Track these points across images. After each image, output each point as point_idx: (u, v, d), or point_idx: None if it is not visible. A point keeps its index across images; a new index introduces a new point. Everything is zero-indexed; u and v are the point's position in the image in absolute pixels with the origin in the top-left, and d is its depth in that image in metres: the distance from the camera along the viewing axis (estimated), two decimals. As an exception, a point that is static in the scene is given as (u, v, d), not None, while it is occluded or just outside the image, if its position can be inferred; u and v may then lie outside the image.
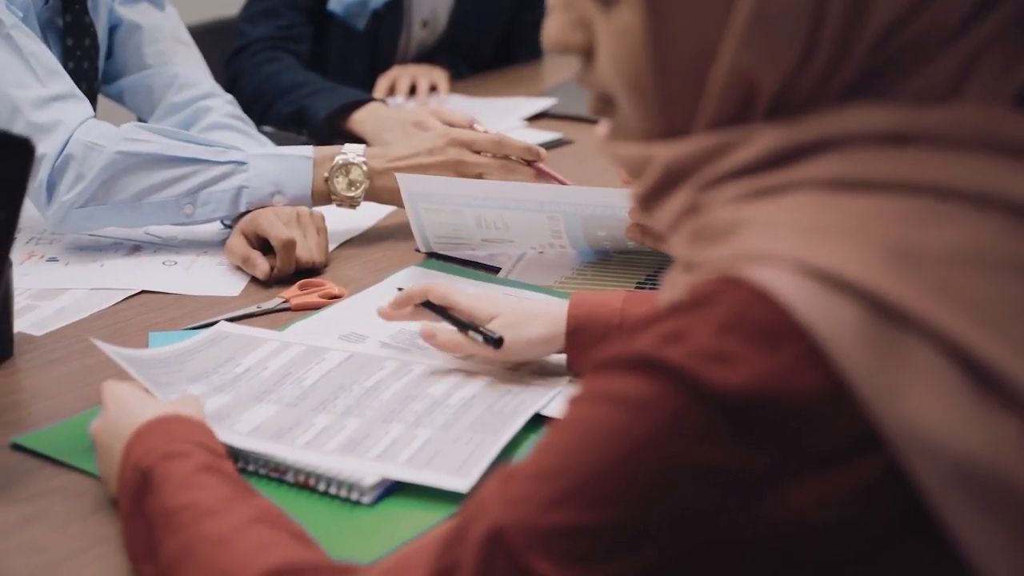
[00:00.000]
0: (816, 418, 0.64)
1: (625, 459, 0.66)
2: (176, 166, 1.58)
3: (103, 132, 1.58)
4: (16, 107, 1.55)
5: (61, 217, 1.57)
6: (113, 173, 1.56)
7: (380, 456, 1.06)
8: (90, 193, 1.56)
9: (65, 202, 1.56)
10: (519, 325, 1.21)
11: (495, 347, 1.18)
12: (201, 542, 0.86)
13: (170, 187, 1.58)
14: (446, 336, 1.22)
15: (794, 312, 0.64)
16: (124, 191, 1.57)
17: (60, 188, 1.56)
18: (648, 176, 0.75)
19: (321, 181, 1.61)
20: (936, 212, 0.66)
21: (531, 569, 0.68)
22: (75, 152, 1.56)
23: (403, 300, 1.28)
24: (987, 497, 0.63)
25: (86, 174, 1.55)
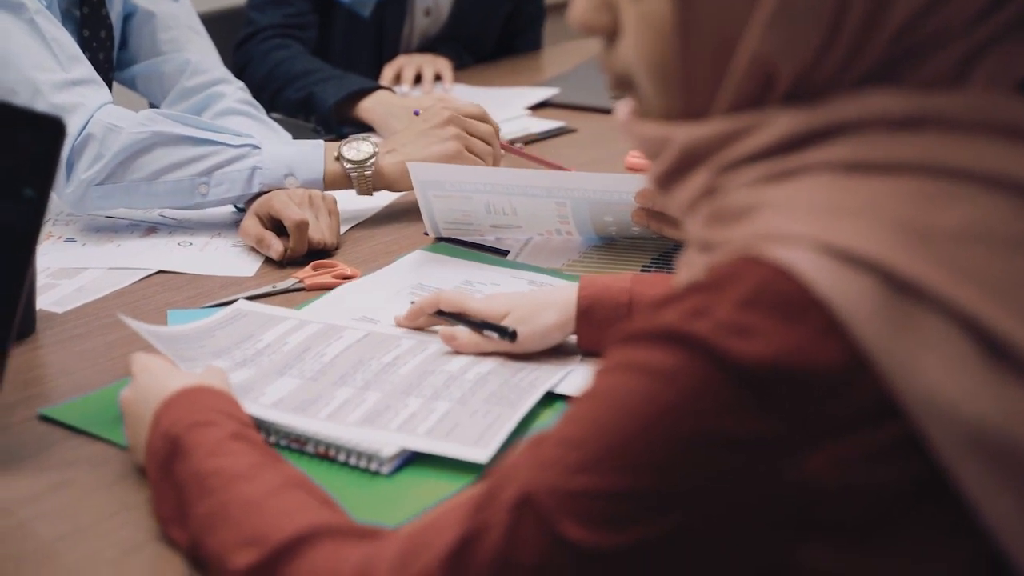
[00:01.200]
0: (835, 388, 0.67)
1: (652, 427, 0.70)
2: (192, 146, 1.62)
3: (122, 115, 1.61)
4: (37, 88, 1.58)
5: (79, 196, 1.61)
6: (132, 152, 1.60)
7: (400, 428, 1.09)
8: (108, 171, 1.59)
9: (83, 180, 1.59)
10: (532, 317, 1.24)
11: (511, 340, 1.22)
12: (232, 505, 0.89)
13: (186, 167, 1.61)
14: (465, 337, 1.25)
15: (813, 287, 0.67)
16: (141, 170, 1.60)
17: (79, 166, 1.59)
18: (666, 157, 0.78)
19: (333, 162, 1.65)
20: (946, 192, 0.70)
21: (560, 532, 0.71)
22: (96, 132, 1.59)
23: (416, 312, 1.31)
24: (1000, 462, 0.66)
25: (105, 154, 1.59)
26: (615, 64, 0.80)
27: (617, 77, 0.81)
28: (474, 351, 1.25)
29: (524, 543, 0.73)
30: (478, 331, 1.24)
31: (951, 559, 0.70)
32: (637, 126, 0.81)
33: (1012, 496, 0.67)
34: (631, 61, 0.78)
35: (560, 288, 1.28)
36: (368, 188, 1.66)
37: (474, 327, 1.25)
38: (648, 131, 0.80)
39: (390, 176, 1.66)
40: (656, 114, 0.79)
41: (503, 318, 1.25)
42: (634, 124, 0.81)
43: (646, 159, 0.82)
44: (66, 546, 0.97)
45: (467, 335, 1.25)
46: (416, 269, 1.52)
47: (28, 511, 1.01)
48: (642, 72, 0.78)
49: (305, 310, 1.39)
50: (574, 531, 0.71)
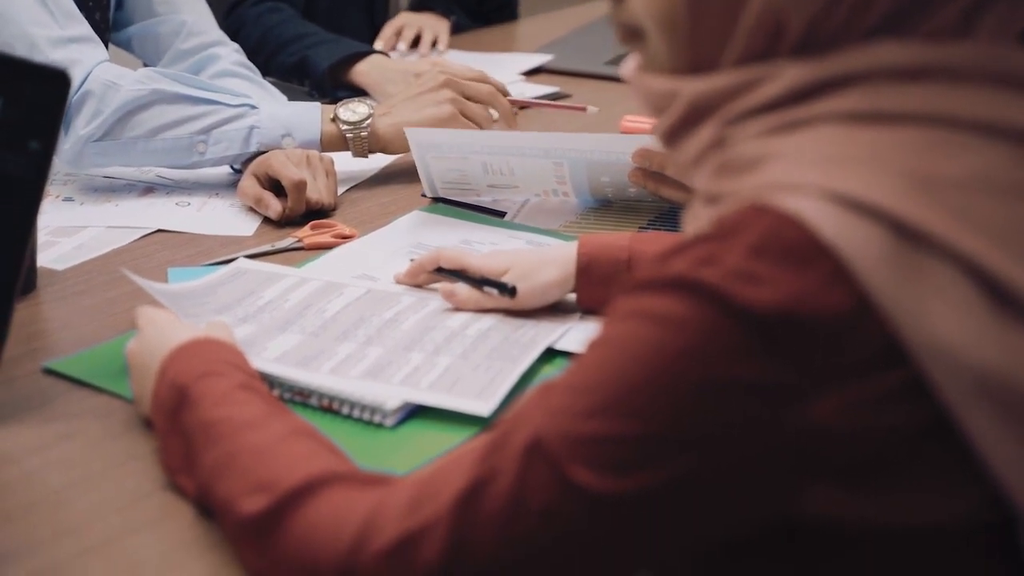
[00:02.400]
0: (842, 333, 0.68)
1: (662, 372, 0.71)
2: (190, 104, 1.62)
3: (120, 72, 1.62)
4: (34, 44, 1.58)
5: (76, 152, 1.61)
6: (130, 109, 1.60)
7: (403, 381, 1.10)
8: (106, 128, 1.60)
9: (81, 136, 1.60)
10: (531, 274, 1.25)
11: (510, 296, 1.23)
12: (240, 453, 0.90)
13: (184, 125, 1.62)
14: (465, 293, 1.26)
15: (820, 235, 0.69)
16: (139, 127, 1.61)
17: (77, 123, 1.60)
18: (673, 111, 0.79)
19: (329, 124, 1.66)
20: (951, 141, 0.71)
21: (569, 476, 0.72)
22: (94, 89, 1.60)
23: (416, 269, 1.32)
24: (1004, 407, 0.68)
25: (103, 110, 1.60)
26: (624, 16, 0.81)
27: (626, 29, 0.82)
28: (473, 307, 1.26)
29: (533, 488, 0.74)
30: (478, 287, 1.25)
31: (955, 503, 0.72)
32: (644, 80, 0.82)
33: (1016, 440, 0.68)
34: (640, 12, 0.79)
35: (559, 246, 1.29)
36: (364, 150, 1.67)
37: (473, 283, 1.26)
38: (655, 84, 0.81)
39: (385, 138, 1.67)
40: (664, 67, 0.80)
41: (503, 275, 1.26)
42: (641, 78, 0.82)
43: (652, 114, 0.83)
44: (75, 493, 0.98)
45: (466, 291, 1.26)
46: (414, 229, 1.53)
47: (35, 461, 1.02)
48: (651, 24, 0.79)
49: (305, 268, 1.40)
50: (583, 476, 0.72)
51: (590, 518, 0.73)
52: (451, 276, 1.28)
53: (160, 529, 0.94)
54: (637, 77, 0.83)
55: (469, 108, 1.70)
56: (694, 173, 0.81)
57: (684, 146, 0.80)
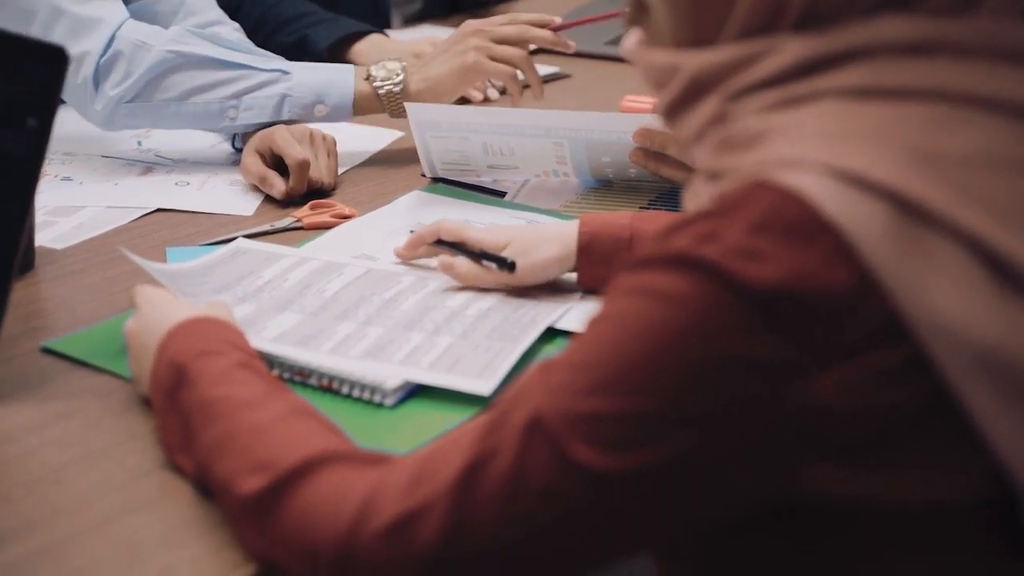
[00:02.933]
0: (844, 310, 0.68)
1: (662, 349, 0.71)
2: (223, 69, 1.62)
3: (150, 32, 1.61)
4: (55, 6, 1.57)
5: (108, 113, 1.60)
6: (162, 71, 1.60)
7: (403, 361, 1.10)
8: (137, 89, 1.59)
9: (112, 97, 1.59)
10: (531, 250, 1.24)
11: (509, 271, 1.22)
12: (239, 432, 0.89)
13: (215, 89, 1.61)
14: (464, 267, 1.25)
15: (823, 211, 0.68)
16: (171, 90, 1.61)
17: (107, 83, 1.59)
18: (674, 85, 0.79)
19: (363, 83, 1.65)
20: (955, 117, 0.71)
21: (570, 454, 0.72)
22: (124, 49, 1.59)
23: (416, 241, 1.31)
24: (1006, 383, 0.67)
25: (133, 71, 1.59)
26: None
27: (633, 5, 0.82)
28: (471, 282, 1.25)
29: (534, 466, 0.73)
30: (476, 261, 1.25)
31: (956, 480, 0.72)
32: (645, 54, 0.81)
33: (1016, 417, 0.68)
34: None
35: (561, 223, 1.28)
36: (399, 108, 1.66)
37: (473, 257, 1.25)
38: (657, 59, 0.80)
39: (417, 93, 1.66)
40: (666, 41, 0.80)
41: (503, 249, 1.25)
42: (642, 52, 0.82)
43: (653, 89, 0.82)
44: (74, 472, 0.97)
45: (465, 265, 1.25)
46: (413, 209, 1.52)
47: (34, 439, 1.02)
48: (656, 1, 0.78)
49: (304, 248, 1.39)
50: (584, 453, 0.72)
51: (590, 496, 0.73)
52: (450, 249, 1.28)
53: (159, 508, 0.94)
54: (638, 52, 0.83)
55: (497, 51, 1.66)
56: (695, 149, 0.80)
57: (685, 122, 0.80)
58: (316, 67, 1.68)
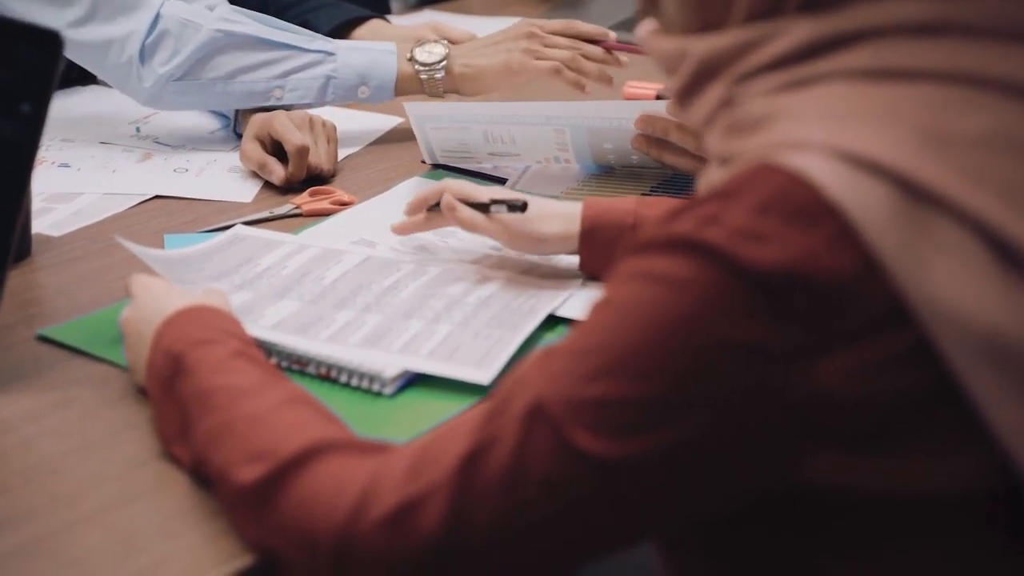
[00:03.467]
0: (848, 295, 0.67)
1: (665, 334, 0.70)
2: (269, 49, 1.62)
3: (195, 11, 1.61)
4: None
5: (157, 90, 1.61)
6: (209, 51, 1.60)
7: (402, 349, 1.09)
8: (187, 67, 1.60)
9: (161, 75, 1.59)
10: (536, 221, 1.23)
11: (521, 211, 1.20)
12: (237, 421, 0.89)
13: (262, 69, 1.62)
14: (466, 212, 1.23)
15: (827, 194, 0.67)
16: (218, 69, 1.61)
17: (155, 61, 1.59)
18: (684, 71, 0.78)
19: (405, 63, 1.65)
20: (965, 99, 0.70)
21: (571, 440, 0.71)
22: (170, 28, 1.59)
23: (419, 201, 1.30)
24: (1011, 369, 0.67)
25: (181, 49, 1.59)
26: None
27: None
28: (471, 227, 1.24)
29: (535, 453, 0.73)
30: (484, 211, 1.23)
31: (959, 470, 0.71)
32: (656, 41, 0.81)
33: (1020, 401, 0.67)
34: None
35: (567, 204, 1.27)
36: (438, 91, 1.67)
37: (480, 207, 1.23)
38: (666, 45, 0.80)
39: (460, 79, 1.67)
40: (676, 30, 0.79)
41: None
42: (653, 40, 0.82)
43: (666, 76, 0.82)
44: (71, 462, 0.97)
45: (468, 209, 1.24)
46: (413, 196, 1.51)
47: (32, 428, 1.01)
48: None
49: (303, 235, 1.38)
50: (585, 440, 0.71)
51: (592, 483, 0.72)
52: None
53: (156, 498, 0.93)
54: (650, 39, 0.82)
55: (546, 54, 1.66)
56: (706, 135, 0.80)
57: (695, 106, 0.80)
58: (359, 47, 1.69)
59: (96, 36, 1.59)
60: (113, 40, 1.59)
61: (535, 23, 1.69)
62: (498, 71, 1.66)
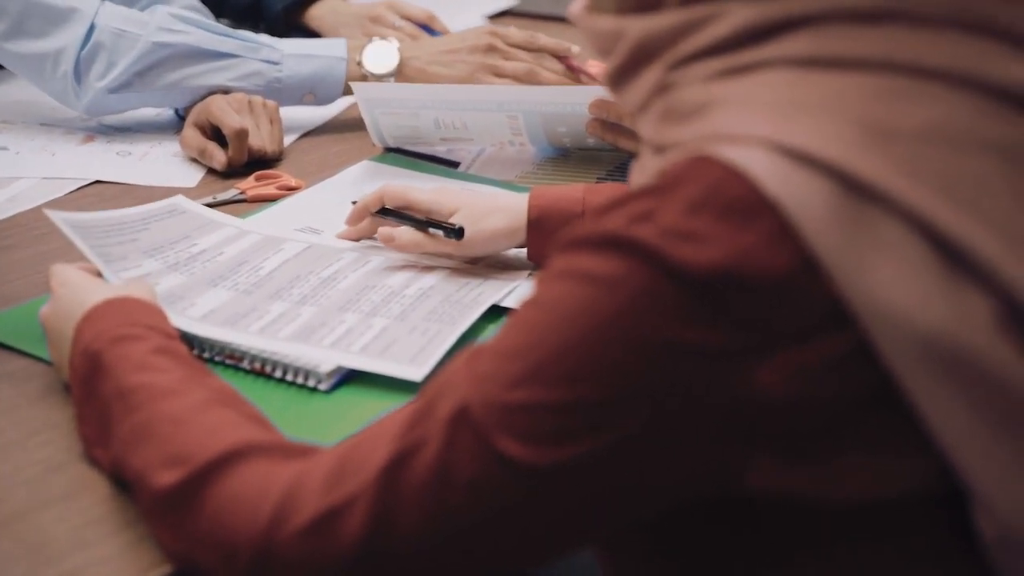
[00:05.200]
0: (786, 295, 0.64)
1: (591, 336, 0.66)
2: (210, 59, 1.56)
3: (128, 17, 1.55)
4: (26, 1, 1.52)
5: (95, 102, 1.55)
6: (148, 63, 1.54)
7: (334, 344, 1.05)
8: (124, 80, 1.54)
9: (98, 88, 1.54)
10: (480, 218, 1.19)
11: (456, 238, 1.17)
12: (157, 423, 0.85)
13: (204, 76, 1.56)
14: (405, 236, 1.20)
15: (764, 189, 0.64)
16: (157, 80, 1.55)
17: (91, 75, 1.54)
18: (619, 52, 0.75)
19: (355, 69, 1.60)
20: (910, 90, 0.66)
21: (496, 447, 0.69)
22: (104, 40, 1.53)
23: (360, 211, 1.26)
24: (952, 372, 0.64)
25: (117, 61, 1.53)
26: None
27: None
28: (414, 250, 1.20)
29: (460, 459, 0.70)
30: (423, 230, 1.19)
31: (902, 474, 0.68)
32: (590, 20, 0.77)
33: (961, 405, 0.64)
34: None
35: (513, 194, 1.23)
36: None
37: (418, 225, 1.20)
38: (601, 24, 0.76)
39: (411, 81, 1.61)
40: (610, 8, 0.75)
41: (450, 215, 1.20)
42: (587, 18, 0.78)
43: (599, 56, 0.78)
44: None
45: (408, 233, 1.20)
46: (363, 180, 1.47)
47: (-57, 428, 0.97)
48: None
49: (247, 220, 1.33)
50: (510, 446, 0.68)
51: (519, 490, 0.69)
52: (396, 219, 1.22)
53: (72, 504, 0.89)
54: (583, 16, 0.78)
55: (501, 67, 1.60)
56: (640, 120, 0.76)
57: (630, 91, 0.76)
58: (306, 53, 1.61)
59: (27, 50, 1.54)
60: (46, 55, 1.53)
61: (496, 32, 1.63)
62: (454, 82, 1.59)
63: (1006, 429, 0.65)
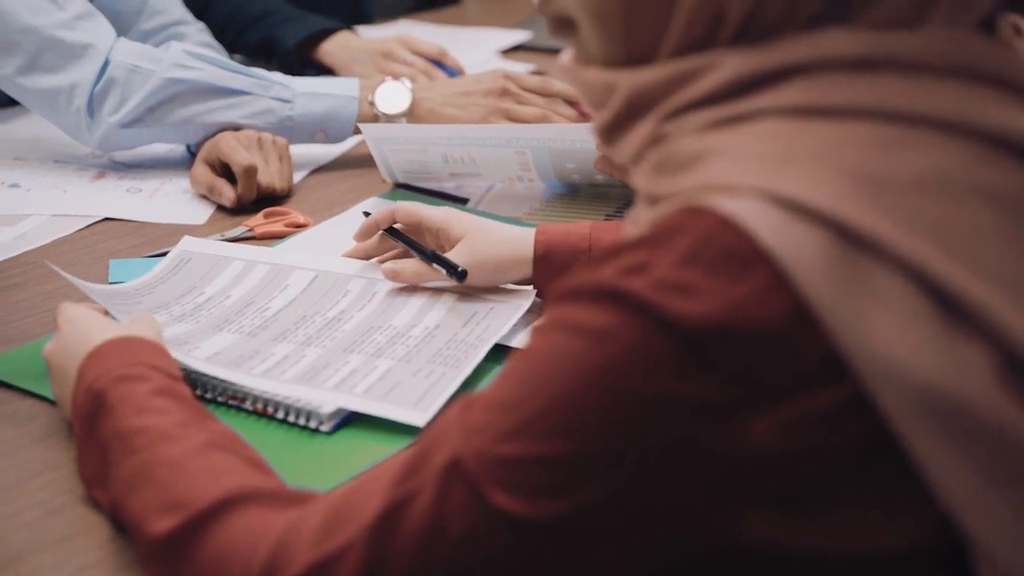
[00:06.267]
0: (780, 347, 0.63)
1: (584, 389, 0.66)
2: (223, 96, 1.57)
3: (143, 53, 1.56)
4: (42, 37, 1.53)
5: (107, 137, 1.56)
6: (160, 99, 1.55)
7: (338, 386, 1.04)
8: (136, 115, 1.55)
9: (111, 123, 1.55)
10: (486, 248, 1.19)
11: (459, 280, 1.17)
12: (156, 466, 0.84)
13: (216, 113, 1.57)
14: (410, 270, 1.20)
15: (759, 240, 0.63)
16: (169, 116, 1.56)
17: (103, 110, 1.55)
18: (611, 106, 0.74)
19: (367, 108, 1.61)
20: (904, 139, 0.65)
21: (489, 499, 0.68)
22: (117, 76, 1.54)
23: (370, 225, 1.26)
24: (950, 422, 0.62)
25: (130, 96, 1.54)
26: (554, 4, 0.75)
27: (556, 19, 0.76)
28: (418, 282, 1.20)
29: (453, 512, 0.69)
30: (427, 263, 1.19)
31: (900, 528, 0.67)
32: (581, 72, 0.76)
33: (960, 457, 0.63)
34: (571, 6, 0.74)
35: (521, 229, 1.23)
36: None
37: (424, 258, 1.20)
38: (593, 77, 0.75)
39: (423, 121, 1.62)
40: (597, 60, 0.75)
41: (457, 241, 1.20)
42: (577, 71, 0.77)
43: (591, 108, 0.77)
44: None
45: (413, 266, 1.20)
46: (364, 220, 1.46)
47: (-55, 469, 0.97)
48: (583, 14, 0.73)
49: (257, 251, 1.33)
50: (503, 499, 0.67)
51: (512, 544, 0.68)
52: (403, 244, 1.23)
53: (71, 546, 0.88)
54: (573, 68, 0.77)
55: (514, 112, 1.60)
56: (634, 172, 0.75)
57: (622, 143, 0.75)
58: (318, 91, 1.62)
59: (41, 85, 1.54)
60: (60, 90, 1.54)
61: (510, 76, 1.63)
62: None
63: (1006, 480, 0.64)
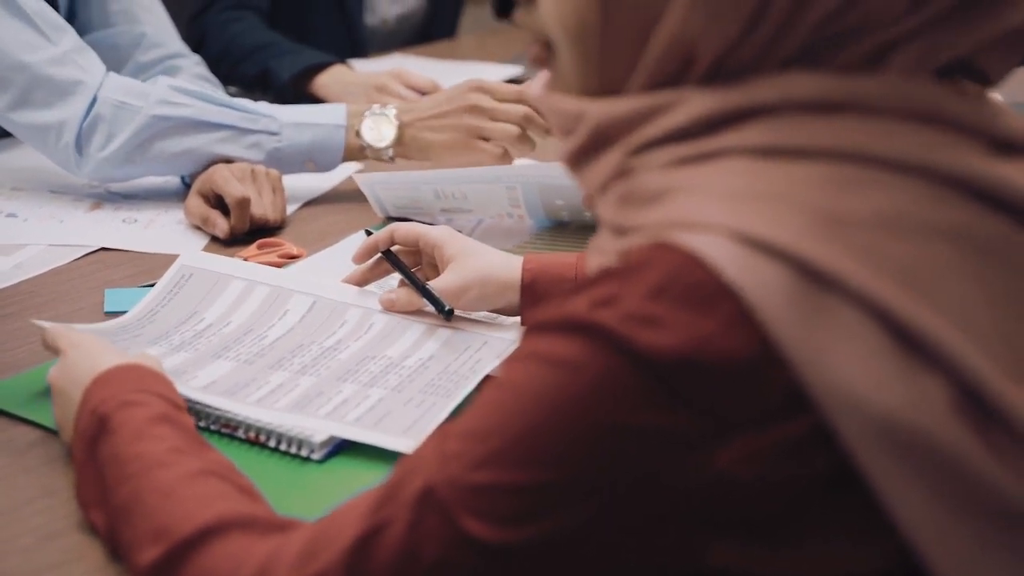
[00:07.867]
0: (745, 380, 0.65)
1: (554, 419, 0.68)
2: (210, 131, 1.59)
3: (130, 89, 1.58)
4: (33, 73, 1.56)
5: (97, 171, 1.59)
6: (148, 136, 1.57)
7: (330, 415, 1.06)
8: (125, 152, 1.57)
9: (99, 159, 1.57)
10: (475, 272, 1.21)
11: (446, 319, 1.20)
12: (146, 494, 0.86)
13: (205, 147, 1.59)
14: (403, 299, 1.23)
15: (724, 275, 0.65)
16: (158, 151, 1.58)
17: (91, 147, 1.57)
18: (579, 134, 0.76)
19: (353, 139, 1.63)
20: (862, 178, 0.68)
21: (462, 527, 0.69)
22: (104, 112, 1.57)
23: (370, 246, 1.29)
24: (910, 455, 0.64)
25: (117, 133, 1.56)
26: (534, 27, 0.78)
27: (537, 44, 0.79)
28: (409, 309, 1.23)
29: (426, 539, 0.70)
30: (418, 293, 1.22)
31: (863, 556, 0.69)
32: (553, 99, 0.78)
33: (922, 489, 0.65)
34: (551, 20, 0.76)
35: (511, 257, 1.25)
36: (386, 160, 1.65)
37: (416, 289, 1.23)
38: (564, 105, 0.77)
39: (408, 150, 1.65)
40: (572, 88, 0.77)
41: (450, 261, 1.23)
42: (550, 97, 0.79)
43: (560, 136, 0.79)
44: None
45: (406, 296, 1.23)
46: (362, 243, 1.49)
47: (-60, 497, 0.98)
48: (560, 38, 0.76)
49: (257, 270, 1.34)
50: (476, 527, 0.69)
51: (482, 570, 0.70)
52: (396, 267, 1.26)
53: (66, 572, 0.90)
54: (545, 96, 0.80)
55: (489, 131, 1.62)
56: (598, 202, 0.77)
57: (589, 172, 0.77)
58: (306, 122, 1.64)
59: (32, 121, 1.57)
60: (50, 126, 1.57)
61: (483, 88, 1.64)
62: (444, 148, 1.63)
63: (964, 511, 0.65)
